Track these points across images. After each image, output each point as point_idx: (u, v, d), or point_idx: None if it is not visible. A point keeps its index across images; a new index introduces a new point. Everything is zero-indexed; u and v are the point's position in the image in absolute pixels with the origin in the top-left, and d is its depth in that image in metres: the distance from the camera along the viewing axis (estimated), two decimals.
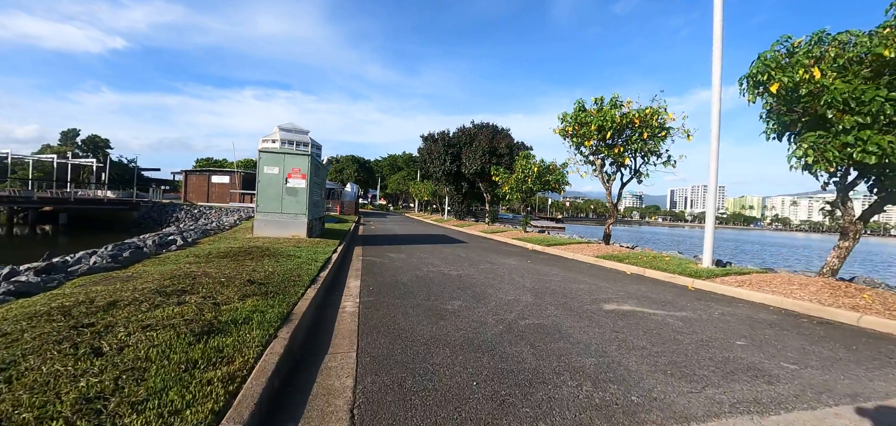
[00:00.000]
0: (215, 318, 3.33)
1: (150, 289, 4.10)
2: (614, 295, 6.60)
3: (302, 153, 11.74)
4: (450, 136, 30.60)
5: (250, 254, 7.65)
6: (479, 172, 26.43)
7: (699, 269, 8.83)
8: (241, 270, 5.78)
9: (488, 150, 26.54)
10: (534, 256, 11.77)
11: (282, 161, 11.55)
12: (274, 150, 11.63)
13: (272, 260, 7.05)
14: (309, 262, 7.04)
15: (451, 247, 13.27)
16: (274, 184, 11.50)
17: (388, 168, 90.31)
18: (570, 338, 4.19)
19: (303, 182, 11.59)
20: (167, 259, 7.03)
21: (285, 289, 4.80)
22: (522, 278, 7.73)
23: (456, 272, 8.07)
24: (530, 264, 9.94)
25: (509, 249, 13.54)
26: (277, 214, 11.49)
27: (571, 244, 14.50)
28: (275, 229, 11.43)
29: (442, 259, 9.98)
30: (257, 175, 11.49)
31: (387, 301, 5.36)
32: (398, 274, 7.52)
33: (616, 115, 11.13)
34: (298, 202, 11.56)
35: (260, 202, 11.49)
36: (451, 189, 32.44)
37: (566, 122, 12.54)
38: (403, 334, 4.00)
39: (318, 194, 13.41)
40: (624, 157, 11.68)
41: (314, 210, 12.66)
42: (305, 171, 11.60)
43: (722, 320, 5.33)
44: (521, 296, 6.06)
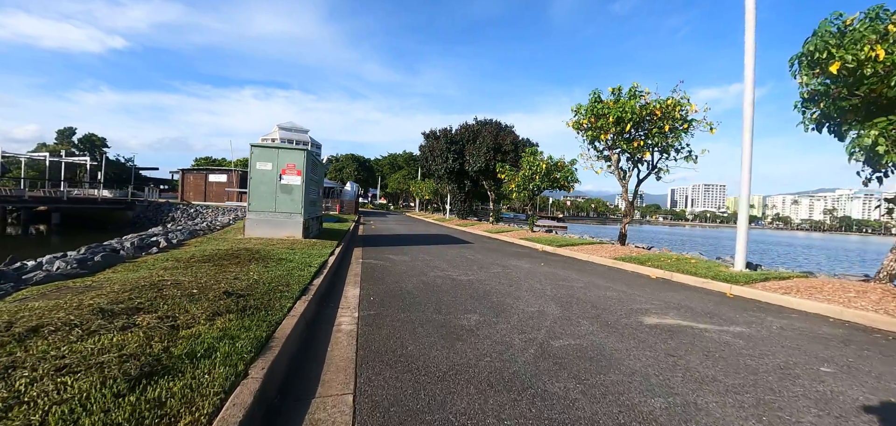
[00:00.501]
0: (166, 351, 2.51)
1: (97, 306, 3.28)
2: (650, 304, 5.78)
3: (297, 148, 10.92)
4: (452, 133, 29.71)
5: (237, 257, 6.83)
6: (483, 170, 25.51)
7: (733, 273, 8.00)
8: (220, 278, 4.96)
9: (493, 147, 25.72)
10: (546, 258, 10.94)
11: (276, 156, 10.74)
12: (267, 144, 10.83)
13: (260, 265, 6.23)
14: (301, 267, 6.22)
15: (457, 248, 12.45)
16: (267, 181, 10.68)
17: (388, 167, 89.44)
18: (620, 365, 3.37)
19: (298, 179, 10.77)
20: (143, 264, 6.21)
21: (269, 303, 3.98)
22: (541, 284, 6.90)
23: (466, 277, 7.25)
24: (545, 267, 9.12)
25: (519, 251, 12.72)
26: (271, 213, 10.67)
27: (583, 245, 13.69)
28: (268, 229, 10.61)
29: (448, 262, 9.16)
30: (249, 171, 10.67)
31: (390, 315, 4.54)
32: (402, 280, 6.69)
33: (636, 106, 10.29)
34: (293, 200, 10.75)
35: (252, 200, 10.67)
36: (454, 187, 31.50)
37: (580, 115, 11.68)
38: (413, 364, 3.17)
39: (314, 192, 12.60)
40: (644, 151, 10.85)
41: (311, 209, 11.86)
42: (301, 168, 10.79)
43: (786, 337, 4.51)
44: (545, 307, 5.24)
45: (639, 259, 10.01)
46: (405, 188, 73.65)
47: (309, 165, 11.26)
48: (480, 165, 25.30)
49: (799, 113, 8.34)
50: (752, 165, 8.63)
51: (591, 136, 11.58)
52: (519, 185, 17.48)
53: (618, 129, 10.63)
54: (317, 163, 12.87)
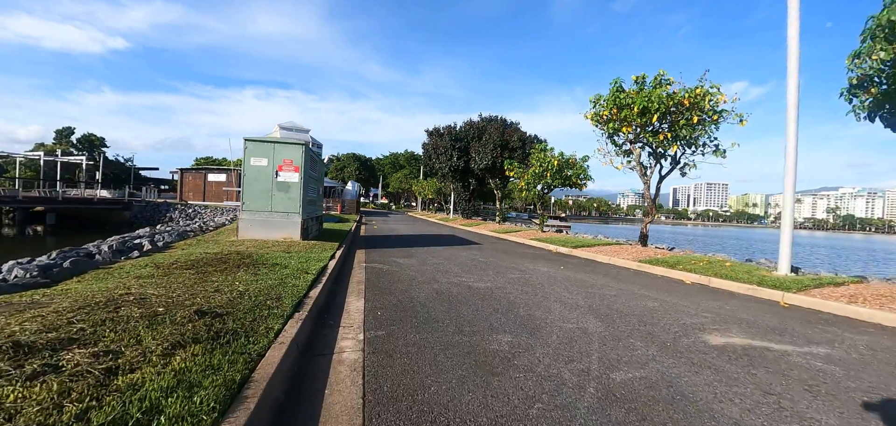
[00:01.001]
0: (80, 419, 1.68)
1: (16, 338, 2.46)
2: (702, 317, 4.95)
3: (295, 142, 10.10)
4: (457, 131, 28.75)
5: (224, 263, 6.02)
6: (490, 168, 24.56)
7: (780, 278, 7.16)
8: (198, 291, 4.15)
9: (499, 144, 24.76)
10: (564, 261, 10.11)
11: (271, 151, 9.92)
12: (262, 138, 10.01)
13: (249, 272, 5.42)
14: (297, 275, 5.41)
15: (466, 250, 11.63)
16: (262, 178, 9.87)
17: (389, 166, 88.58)
18: (713, 413, 2.54)
19: (296, 175, 9.96)
20: (116, 271, 5.41)
21: (252, 326, 3.16)
22: (570, 293, 6.07)
23: (484, 284, 6.42)
24: (567, 271, 8.29)
25: (532, 252, 11.88)
26: (266, 213, 9.86)
27: (599, 245, 12.85)
28: (263, 230, 9.80)
29: (460, 266, 8.34)
30: (243, 168, 9.87)
31: (403, 336, 3.71)
32: (412, 288, 5.87)
33: (663, 96, 9.44)
34: (291, 199, 9.94)
35: (246, 199, 9.86)
36: (458, 186, 30.53)
37: (600, 106, 10.82)
38: (441, 416, 2.35)
39: (314, 191, 11.79)
40: (671, 144, 9.99)
41: (310, 208, 11.05)
42: (299, 164, 9.98)
43: (881, 360, 3.68)
44: (584, 322, 4.41)
45: (666, 261, 9.17)
46: (407, 187, 72.85)
47: (307, 161, 10.45)
48: (487, 163, 24.34)
49: (846, 101, 7.52)
50: (797, 157, 7.79)
51: (612, 128, 10.70)
52: (529, 183, 16.62)
53: (643, 120, 9.76)
54: (316, 159, 12.06)
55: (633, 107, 9.67)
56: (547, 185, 16.31)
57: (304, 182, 10.12)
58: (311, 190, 11.41)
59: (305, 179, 10.21)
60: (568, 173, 15.96)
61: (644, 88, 10.06)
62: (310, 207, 11.18)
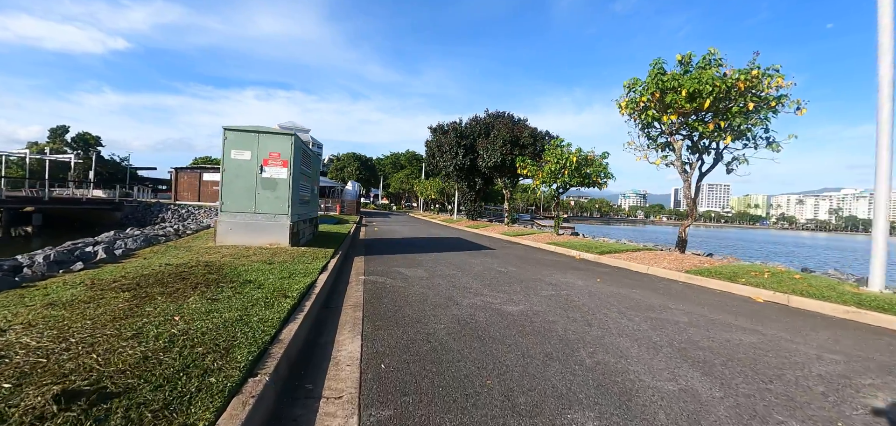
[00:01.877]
0: None
1: None
2: (834, 363, 3.52)
3: (283, 132, 8.69)
4: (462, 127, 27.42)
5: (182, 280, 4.62)
6: (498, 166, 23.04)
7: (882, 298, 5.73)
8: (109, 334, 2.74)
9: (509, 140, 23.13)
10: (596, 271, 8.69)
11: (255, 143, 8.52)
12: (244, 127, 8.60)
13: (206, 295, 4.01)
14: (271, 300, 3.99)
15: (480, 256, 10.22)
16: (244, 173, 8.47)
17: (390, 166, 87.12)
18: None
19: (284, 171, 8.55)
20: (32, 293, 4.01)
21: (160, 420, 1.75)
22: (630, 320, 4.64)
23: (516, 307, 5.00)
24: (608, 286, 6.87)
25: (554, 259, 10.46)
26: (249, 215, 8.46)
27: (627, 250, 11.44)
28: (245, 235, 8.40)
29: (479, 279, 6.93)
30: (222, 162, 8.46)
31: (423, 416, 2.31)
32: (426, 314, 4.45)
33: (715, 78, 7.99)
34: (278, 198, 8.53)
35: (225, 199, 8.46)
36: (463, 186, 29.04)
37: (637, 91, 9.36)
38: None
39: (306, 189, 10.39)
40: (723, 135, 8.54)
41: (301, 209, 9.64)
42: (288, 157, 8.57)
43: None
44: (685, 379, 2.99)
45: (719, 272, 7.75)
46: (408, 188, 71.48)
47: (298, 155, 9.05)
48: (495, 160, 22.76)
49: None
50: (893, 150, 6.37)
51: (651, 117, 9.23)
52: (545, 181, 15.18)
53: (693, 106, 8.32)
54: (309, 154, 10.64)
55: (681, 90, 8.21)
56: (564, 184, 14.88)
57: (294, 179, 8.72)
58: (304, 188, 10.01)
59: (295, 176, 8.81)
60: (587, 171, 14.53)
61: (688, 71, 8.63)
62: (301, 208, 9.78)
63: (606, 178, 14.81)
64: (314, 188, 11.99)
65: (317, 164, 12.27)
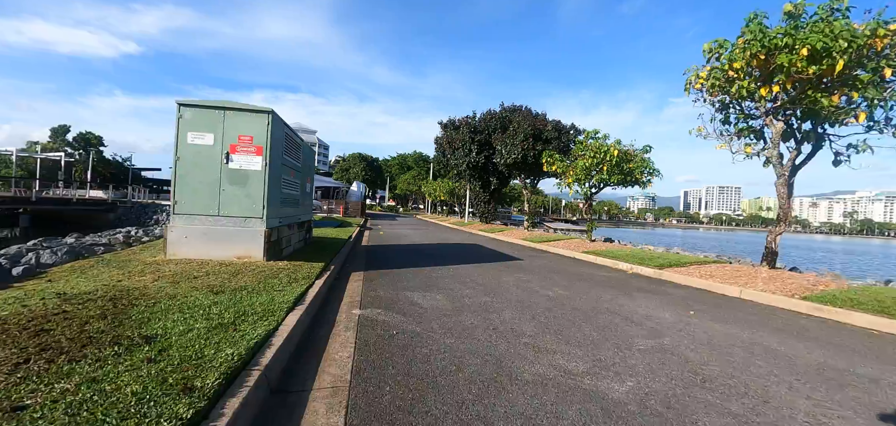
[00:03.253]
0: None
1: None
2: None
3: (256, 109, 6.59)
4: (476, 121, 25.14)
5: (46, 333, 2.51)
6: (518, 163, 20.78)
7: None
8: None
9: (531, 134, 20.63)
10: (671, 294, 6.49)
11: (219, 122, 6.44)
12: (204, 102, 6.51)
13: (66, 371, 1.90)
14: (157, 395, 1.87)
15: (511, 271, 8.06)
16: (205, 163, 6.39)
17: (397, 167, 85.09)
18: None
19: (257, 161, 6.46)
20: None
21: None
22: (820, 409, 2.46)
23: (618, 386, 2.83)
24: (720, 326, 4.66)
25: (607, 277, 8.26)
26: (210, 219, 6.38)
27: (691, 264, 9.21)
28: (205, 245, 6.32)
29: (526, 312, 4.77)
30: (176, 149, 6.41)
31: None
32: (468, 413, 2.31)
33: (845, 30, 5.74)
34: (249, 197, 6.44)
35: (179, 197, 6.40)
36: (476, 186, 26.94)
37: (727, 57, 7.05)
38: None
39: (293, 185, 8.29)
40: (856, 111, 6.28)
41: (284, 210, 7.53)
42: (263, 142, 6.48)
43: None
44: None
45: (861, 303, 5.51)
46: (415, 189, 69.44)
47: (278, 140, 6.95)
48: (515, 157, 20.36)
49: None
50: None
51: (742, 92, 6.93)
52: (578, 178, 12.96)
53: (815, 70, 6.05)
54: (296, 141, 8.52)
55: (800, 49, 5.96)
56: (601, 182, 12.66)
57: (273, 171, 6.63)
58: (289, 184, 7.92)
59: (275, 168, 6.72)
60: (630, 167, 12.31)
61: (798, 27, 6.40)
62: (285, 209, 7.69)
63: (651, 175, 12.58)
64: (307, 185, 9.91)
65: (309, 156, 10.17)
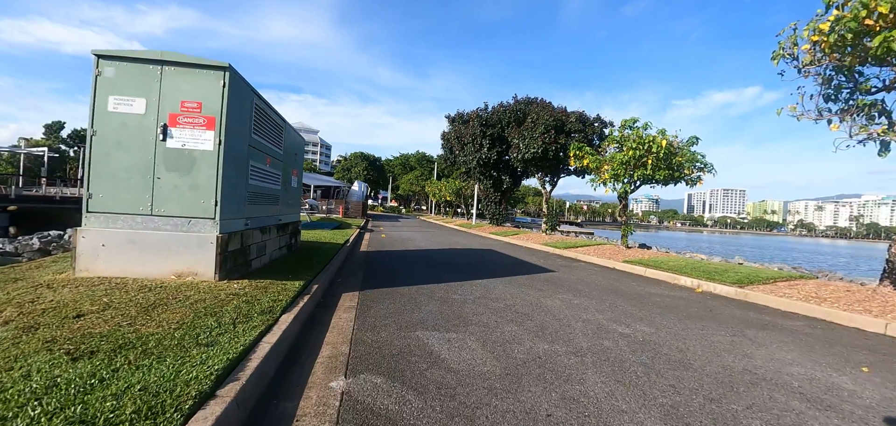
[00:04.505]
0: None
1: None
2: None
3: (207, 64, 4.65)
4: (488, 114, 22.90)
5: None
6: (538, 158, 18.79)
7: None
8: None
9: (553, 126, 18.36)
10: (792, 326, 4.54)
11: (155, 83, 4.52)
12: (134, 53, 4.61)
13: None
14: None
15: (552, 290, 6.11)
16: (133, 141, 4.48)
17: (400, 167, 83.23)
18: None
19: (209, 138, 4.53)
20: None
21: None
22: None
23: None
24: None
25: (681, 300, 6.30)
26: (140, 219, 4.46)
27: (776, 280, 7.26)
28: (131, 258, 4.40)
29: (625, 379, 2.83)
30: (91, 121, 4.49)
31: None
32: None
33: None
34: (196, 189, 4.51)
35: (94, 188, 4.48)
36: (488, 185, 24.78)
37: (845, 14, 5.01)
38: None
39: (268, 176, 6.35)
40: None
41: (252, 209, 5.60)
42: (217, 111, 4.55)
43: None
44: None
45: None
46: (418, 190, 67.56)
47: (242, 110, 5.02)
48: (534, 151, 18.32)
49: None
50: None
51: (856, 57, 4.93)
52: (617, 173, 10.98)
53: None
54: (273, 121, 6.56)
55: None
56: (644, 178, 10.69)
57: (233, 153, 4.72)
58: (263, 175, 6.00)
59: (236, 148, 4.81)
60: (680, 161, 10.35)
61: None
62: (255, 207, 5.77)
63: (702, 170, 10.62)
64: (292, 179, 7.99)
65: (295, 143, 8.23)
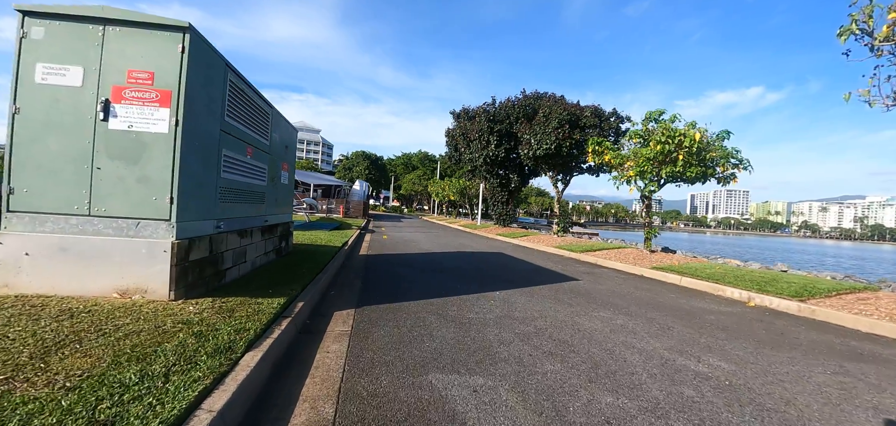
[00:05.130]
0: None
1: None
2: None
3: (160, 23, 3.68)
4: (495, 109, 21.71)
5: None
6: (550, 155, 17.63)
7: None
8: None
9: (568, 121, 17.24)
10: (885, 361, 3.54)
11: (95, 48, 3.55)
12: (68, 9, 3.66)
13: None
14: None
15: (586, 306, 5.11)
16: (65, 121, 3.51)
17: (402, 167, 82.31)
18: None
19: (163, 116, 3.55)
20: None
21: None
22: None
23: None
24: None
25: (742, 318, 5.30)
26: (74, 221, 3.49)
27: (839, 292, 6.24)
28: (61, 271, 3.42)
29: None
30: (13, 95, 3.52)
31: None
32: None
33: None
34: (146, 182, 3.54)
35: (17, 181, 3.50)
36: (494, 184, 23.59)
37: None
38: None
39: (249, 170, 5.38)
40: None
41: (226, 207, 4.61)
42: (174, 84, 3.57)
43: None
44: None
45: None
46: (420, 189, 66.63)
47: (210, 85, 4.03)
48: (547, 147, 17.28)
49: None
50: None
51: None
52: (640, 171, 9.94)
53: None
54: (255, 104, 5.57)
55: None
56: (674, 175, 9.66)
57: (196, 137, 3.75)
58: (241, 167, 5.03)
59: (201, 131, 3.84)
60: (714, 156, 9.33)
61: None
62: (230, 205, 4.80)
63: (737, 166, 9.58)
64: (281, 173, 7.02)
65: (284, 132, 7.24)
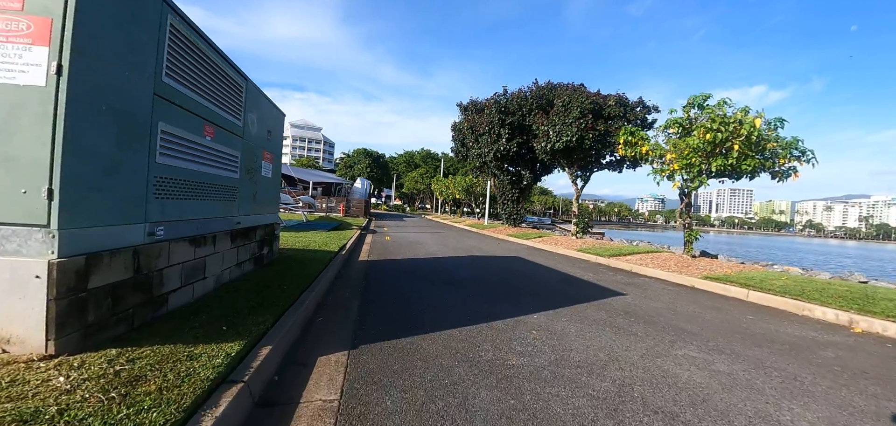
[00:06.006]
0: None
1: None
2: None
3: None
4: (506, 99, 20.07)
5: None
6: (570, 148, 16.06)
7: None
8: None
9: (590, 110, 15.51)
10: None
11: None
12: None
13: None
14: None
15: (664, 339, 3.74)
16: None
17: (404, 165, 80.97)
18: None
19: (35, 60, 2.19)
20: None
21: None
22: None
23: None
24: None
25: (852, 349, 3.91)
26: None
27: None
28: None
29: None
30: None
31: None
32: None
33: None
34: (5, 165, 2.19)
35: None
36: (505, 181, 21.83)
37: None
38: None
39: (213, 157, 4.01)
40: None
41: (154, 206, 3.25)
42: (56, 12, 2.21)
43: None
44: None
45: None
46: (423, 188, 65.30)
47: (121, 16, 2.64)
48: (567, 139, 15.64)
49: None
50: None
51: None
52: (686, 162, 8.54)
53: None
54: (202, 53, 4.11)
55: None
56: (726, 169, 8.25)
57: (104, 98, 2.39)
58: (195, 152, 3.67)
59: (111, 88, 2.48)
60: (774, 147, 7.96)
61: None
62: (172, 204, 3.43)
63: (800, 159, 8.19)
64: (261, 163, 5.66)
65: (265, 110, 5.87)
